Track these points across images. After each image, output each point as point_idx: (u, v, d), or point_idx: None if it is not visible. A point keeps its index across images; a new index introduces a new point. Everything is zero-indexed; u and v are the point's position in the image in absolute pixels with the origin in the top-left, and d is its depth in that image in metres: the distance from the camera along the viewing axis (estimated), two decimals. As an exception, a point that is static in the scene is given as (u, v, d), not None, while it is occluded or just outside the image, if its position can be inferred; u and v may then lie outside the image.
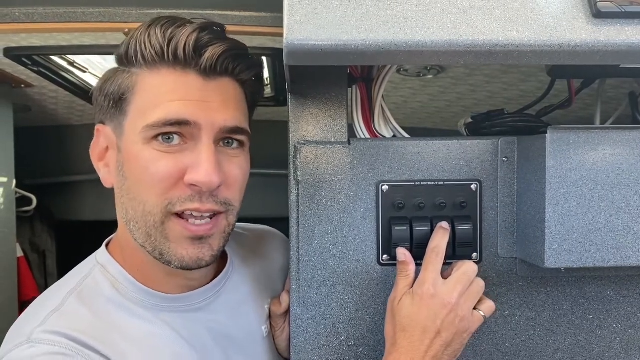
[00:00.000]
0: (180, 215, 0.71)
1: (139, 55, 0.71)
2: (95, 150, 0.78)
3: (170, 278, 0.78)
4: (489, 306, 0.74)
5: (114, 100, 0.74)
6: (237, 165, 0.75)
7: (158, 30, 0.71)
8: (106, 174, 0.77)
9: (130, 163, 0.72)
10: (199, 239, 0.72)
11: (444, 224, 0.76)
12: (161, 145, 0.70)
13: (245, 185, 0.78)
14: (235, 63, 0.74)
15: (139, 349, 0.72)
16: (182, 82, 0.71)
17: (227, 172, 0.73)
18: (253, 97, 0.81)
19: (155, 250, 0.73)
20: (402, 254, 0.75)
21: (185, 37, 0.70)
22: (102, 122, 0.77)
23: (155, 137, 0.70)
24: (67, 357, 0.65)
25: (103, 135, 0.77)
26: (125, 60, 0.73)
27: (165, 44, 0.70)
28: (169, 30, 0.71)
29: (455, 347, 0.71)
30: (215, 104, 0.72)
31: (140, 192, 0.71)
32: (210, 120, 0.71)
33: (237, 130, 0.74)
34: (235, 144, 0.76)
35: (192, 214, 0.71)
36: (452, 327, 0.70)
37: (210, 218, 0.73)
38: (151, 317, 0.75)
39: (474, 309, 0.73)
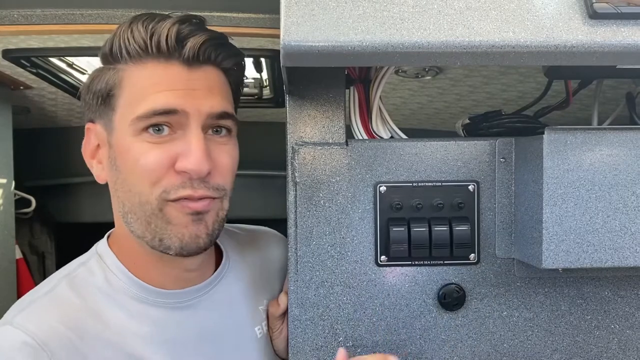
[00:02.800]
0: (176, 201, 0.73)
1: (124, 50, 0.73)
2: (87, 148, 0.80)
3: (167, 270, 0.79)
4: None
5: (102, 97, 0.75)
6: (227, 153, 0.77)
7: (140, 26, 0.73)
8: (99, 171, 0.79)
9: (122, 156, 0.74)
10: (197, 214, 0.74)
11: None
12: (151, 137, 0.72)
13: (235, 171, 0.80)
14: (217, 51, 0.76)
15: (119, 348, 0.73)
16: (167, 73, 0.73)
17: (217, 160, 0.75)
18: (237, 85, 0.83)
19: (155, 237, 0.74)
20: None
21: (166, 29, 0.72)
22: (92, 121, 0.79)
23: (145, 129, 0.72)
24: (33, 349, 0.67)
25: (93, 133, 0.78)
26: (110, 57, 0.75)
27: (148, 37, 0.72)
28: (151, 25, 0.73)
29: None
30: (201, 91, 0.74)
31: (134, 183, 0.73)
32: (197, 107, 0.73)
33: (223, 115, 0.76)
34: (223, 132, 0.78)
35: (186, 199, 0.73)
36: None
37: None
38: (137, 312, 0.76)
39: None
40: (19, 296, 1.75)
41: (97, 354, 0.72)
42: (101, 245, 0.81)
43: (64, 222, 2.18)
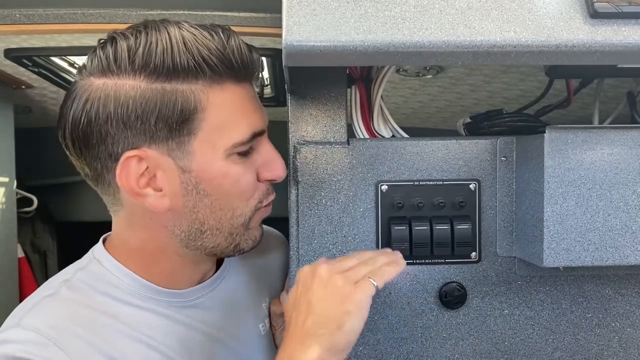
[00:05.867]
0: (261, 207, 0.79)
1: (205, 67, 0.68)
2: (131, 178, 0.70)
3: (185, 271, 0.80)
4: None
5: (174, 122, 0.69)
6: None
7: (210, 40, 0.68)
8: (158, 199, 0.72)
9: (213, 181, 0.73)
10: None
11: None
12: (239, 158, 0.74)
13: None
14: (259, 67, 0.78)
15: (132, 337, 0.73)
16: (244, 94, 0.74)
17: None
18: None
19: (231, 244, 0.77)
20: None
21: (240, 46, 0.71)
22: (136, 147, 0.69)
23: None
24: (45, 346, 0.67)
25: (138, 159, 0.70)
26: (179, 73, 0.68)
27: (230, 55, 0.70)
28: (221, 40, 0.69)
29: None
30: (261, 106, 0.77)
31: (230, 202, 0.75)
32: (266, 123, 0.77)
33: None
34: None
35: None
36: None
37: None
38: (146, 307, 0.76)
39: None
40: (21, 295, 1.76)
41: (113, 345, 0.71)
42: (98, 250, 0.80)
43: (65, 221, 2.18)
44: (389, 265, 0.69)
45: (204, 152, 0.71)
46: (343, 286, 0.65)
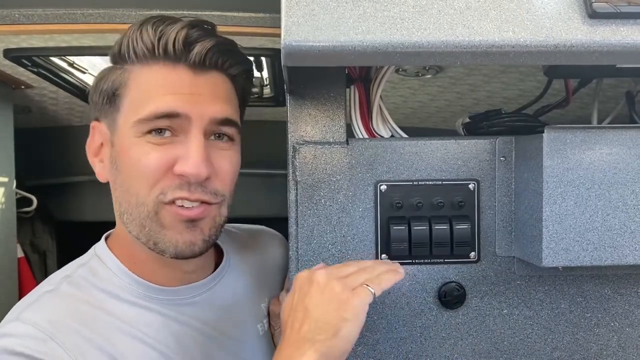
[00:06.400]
0: (171, 204, 0.74)
1: (131, 51, 0.75)
2: (91, 146, 0.81)
3: (166, 270, 0.79)
4: None
5: (107, 97, 0.76)
6: (227, 159, 0.77)
7: (149, 28, 0.74)
8: (101, 169, 0.80)
9: (123, 156, 0.74)
10: (192, 222, 0.74)
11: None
12: (153, 138, 0.73)
13: (235, 178, 0.80)
14: (224, 57, 0.76)
15: (130, 335, 0.74)
16: (172, 77, 0.73)
17: (217, 165, 0.76)
18: (243, 92, 0.83)
19: (149, 240, 0.75)
20: None
21: (174, 33, 0.73)
22: (97, 119, 0.80)
23: (149, 131, 0.73)
24: (44, 341, 0.67)
25: (98, 131, 0.80)
26: (119, 57, 0.77)
27: (156, 40, 0.73)
28: (160, 28, 0.74)
29: None
30: (205, 96, 0.74)
31: (132, 184, 0.74)
32: (200, 112, 0.73)
33: (226, 122, 0.76)
34: (225, 138, 0.78)
35: (182, 204, 0.73)
36: None
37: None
38: (143, 306, 0.77)
39: None
40: (20, 295, 1.76)
41: (110, 341, 0.72)
42: (100, 247, 0.82)
43: (65, 221, 2.18)
44: (388, 273, 0.69)
45: (122, 128, 0.75)
46: (340, 292, 0.65)
